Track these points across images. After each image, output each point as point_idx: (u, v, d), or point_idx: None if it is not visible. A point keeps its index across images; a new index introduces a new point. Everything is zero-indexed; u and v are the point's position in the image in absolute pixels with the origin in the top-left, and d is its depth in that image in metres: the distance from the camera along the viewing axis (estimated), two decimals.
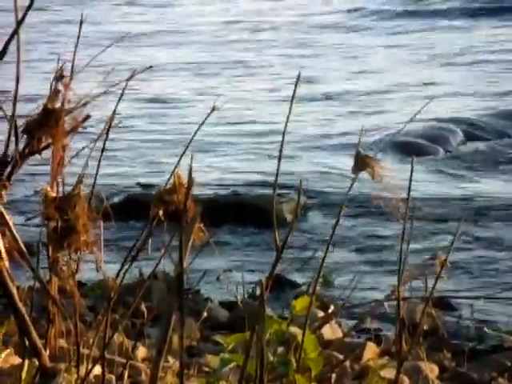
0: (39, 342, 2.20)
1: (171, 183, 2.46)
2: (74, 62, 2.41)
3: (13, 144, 2.29)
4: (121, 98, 2.56)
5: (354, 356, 4.86)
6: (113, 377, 3.51)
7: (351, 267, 7.02)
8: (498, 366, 5.32)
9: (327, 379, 4.09)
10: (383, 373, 4.29)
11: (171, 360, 4.05)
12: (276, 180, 2.41)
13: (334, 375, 4.32)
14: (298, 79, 2.47)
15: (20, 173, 2.32)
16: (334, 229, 2.54)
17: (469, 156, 9.89)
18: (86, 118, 2.36)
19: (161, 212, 2.48)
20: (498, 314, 6.34)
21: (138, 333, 4.56)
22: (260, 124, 10.62)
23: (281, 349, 2.41)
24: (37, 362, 2.26)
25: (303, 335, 2.39)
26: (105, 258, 2.57)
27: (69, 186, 2.52)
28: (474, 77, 12.59)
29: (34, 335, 2.17)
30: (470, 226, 7.52)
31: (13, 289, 2.17)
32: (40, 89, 2.42)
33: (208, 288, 6.47)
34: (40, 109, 2.34)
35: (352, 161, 2.43)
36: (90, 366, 2.64)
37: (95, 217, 2.51)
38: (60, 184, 2.51)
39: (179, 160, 2.52)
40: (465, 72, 12.81)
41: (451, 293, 6.36)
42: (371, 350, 5.09)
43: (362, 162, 2.41)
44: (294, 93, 2.37)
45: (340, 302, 5.86)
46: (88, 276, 3.25)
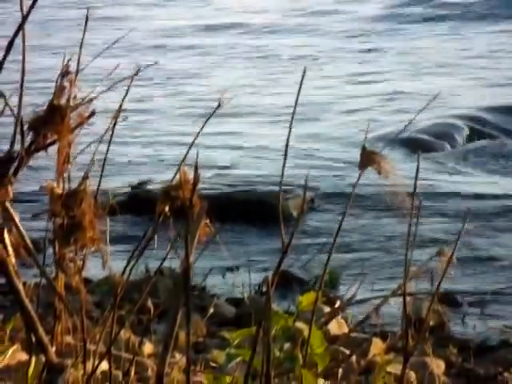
0: (46, 338, 2.20)
1: (177, 179, 2.46)
2: (80, 59, 2.41)
3: (18, 141, 2.29)
4: (126, 95, 2.56)
5: (361, 351, 4.86)
6: (119, 373, 3.52)
7: (357, 263, 7.02)
8: (505, 362, 5.32)
9: (333, 374, 4.09)
10: (389, 368, 4.29)
11: (178, 356, 4.05)
12: (282, 176, 2.41)
13: (341, 370, 4.32)
14: (304, 74, 2.46)
15: (26, 169, 2.32)
16: (341, 225, 2.54)
17: (475, 153, 9.89)
18: (92, 115, 2.36)
19: (167, 208, 2.48)
20: (504, 310, 6.34)
21: (145, 329, 4.56)
22: (268, 116, 10.61)
23: (287, 344, 2.41)
24: (43, 358, 2.27)
25: (309, 331, 2.39)
26: (111, 255, 2.57)
27: (75, 183, 2.52)
28: (485, 74, 12.58)
29: (41, 331, 2.17)
30: (477, 223, 7.51)
31: (19, 285, 2.17)
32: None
33: (214, 284, 6.47)
34: (45, 105, 2.34)
35: (358, 156, 2.43)
36: (97, 362, 2.64)
37: (101, 213, 2.51)
38: (66, 180, 2.51)
39: (185, 156, 2.52)
40: (475, 70, 12.80)
41: (457, 288, 6.36)
42: (377, 346, 5.09)
43: (369, 158, 2.41)
44: (301, 86, 2.36)
45: (346, 298, 5.86)
46: (94, 272, 3.25)
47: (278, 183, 2.52)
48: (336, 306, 5.43)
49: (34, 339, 2.19)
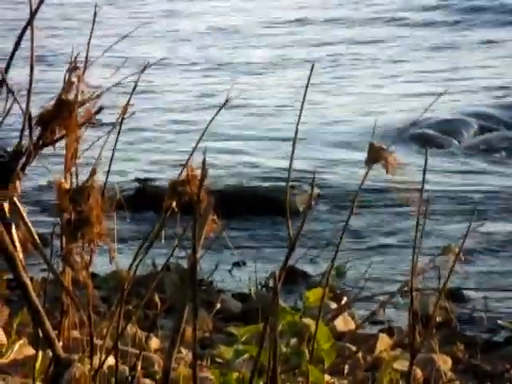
0: (53, 333, 2.21)
1: (184, 175, 2.46)
2: (88, 54, 2.42)
3: (27, 135, 2.29)
4: (134, 90, 2.56)
5: (367, 348, 4.87)
6: (126, 368, 3.52)
7: (364, 259, 7.02)
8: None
9: (340, 370, 4.10)
10: (396, 364, 4.29)
11: (184, 351, 4.06)
12: (289, 171, 2.41)
13: (347, 366, 4.33)
14: (312, 70, 2.46)
15: (34, 164, 2.32)
16: (348, 220, 2.54)
17: (483, 148, 9.88)
18: (100, 110, 2.36)
19: (174, 203, 2.48)
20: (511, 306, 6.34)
21: (151, 324, 4.57)
22: (276, 115, 10.61)
23: (294, 340, 2.42)
24: (50, 353, 2.27)
25: (316, 327, 2.40)
26: (118, 250, 2.58)
27: (82, 178, 2.53)
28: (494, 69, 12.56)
29: (48, 326, 2.18)
30: (485, 219, 7.50)
31: (26, 280, 2.18)
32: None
33: (221, 279, 6.48)
34: (54, 101, 2.34)
35: (365, 152, 2.43)
36: (104, 357, 2.65)
37: (109, 208, 2.52)
38: (74, 175, 2.52)
39: (192, 152, 2.52)
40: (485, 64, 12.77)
41: (465, 284, 6.35)
42: (384, 342, 5.09)
43: (376, 154, 2.41)
44: (308, 84, 2.37)
45: (353, 294, 5.86)
46: (101, 267, 3.28)
47: (286, 179, 2.52)
48: (343, 303, 5.43)
49: (41, 334, 2.20)
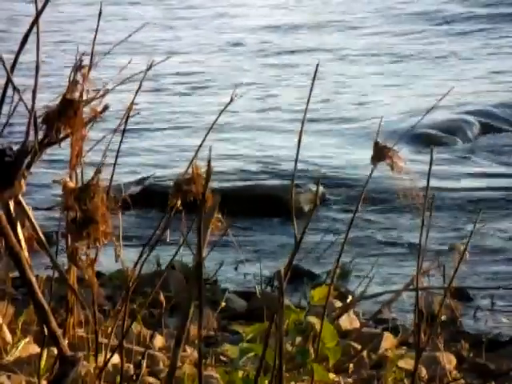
0: (58, 331, 2.21)
1: (189, 173, 2.46)
2: (93, 53, 2.42)
3: (32, 134, 2.30)
4: (139, 89, 2.57)
5: (372, 346, 4.86)
6: (131, 366, 3.53)
7: (369, 257, 7.02)
8: None
9: (345, 369, 4.09)
10: (401, 363, 4.29)
11: (189, 350, 4.06)
12: (295, 170, 2.41)
13: (352, 365, 4.32)
14: (317, 70, 2.46)
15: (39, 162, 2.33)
16: (353, 219, 2.54)
17: (486, 147, 9.89)
18: (105, 109, 2.36)
19: (179, 202, 2.48)
20: None
21: (156, 322, 4.57)
22: (286, 112, 10.60)
23: (299, 338, 2.42)
24: (56, 351, 2.28)
25: (321, 325, 2.39)
26: (123, 248, 2.58)
27: (87, 176, 2.53)
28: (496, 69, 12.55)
29: (53, 324, 2.18)
30: (489, 217, 7.50)
31: (32, 278, 2.18)
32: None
33: (226, 278, 6.48)
34: (59, 100, 2.35)
35: (371, 151, 2.43)
36: (109, 355, 2.65)
37: (114, 207, 2.52)
38: (79, 174, 2.52)
39: (197, 150, 2.52)
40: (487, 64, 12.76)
41: (469, 283, 6.35)
42: (389, 341, 5.09)
43: (381, 153, 2.41)
44: (313, 83, 2.36)
45: (358, 293, 5.86)
46: (106, 266, 3.26)
47: (291, 177, 2.52)
48: (347, 301, 5.42)
49: (47, 332, 2.20)
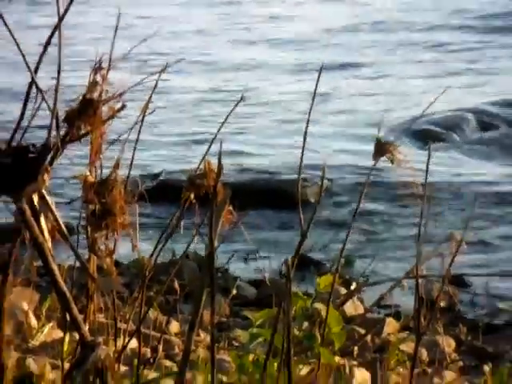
0: (79, 317, 2.21)
1: (201, 168, 2.46)
2: (112, 54, 2.41)
3: (54, 132, 2.30)
4: (155, 89, 2.56)
5: (375, 331, 4.86)
6: (148, 350, 3.53)
7: (372, 247, 7.01)
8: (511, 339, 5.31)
9: (350, 352, 4.09)
10: (402, 346, 4.29)
11: (202, 334, 4.07)
12: (300, 165, 2.40)
13: (356, 348, 4.32)
14: (321, 72, 2.46)
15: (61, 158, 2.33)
16: (356, 210, 2.54)
17: (482, 143, 9.86)
18: (122, 108, 2.36)
19: (192, 195, 2.48)
20: (511, 291, 6.32)
21: (172, 309, 4.58)
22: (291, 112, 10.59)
23: (306, 324, 2.42)
24: (77, 336, 2.28)
25: (327, 311, 2.39)
26: (140, 239, 2.58)
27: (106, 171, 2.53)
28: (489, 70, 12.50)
29: (75, 310, 2.19)
30: (485, 207, 7.49)
31: (54, 267, 2.18)
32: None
33: (237, 267, 6.48)
34: (79, 99, 2.35)
35: (373, 146, 2.42)
36: (127, 340, 2.65)
37: (131, 200, 2.52)
38: (98, 169, 2.52)
39: (209, 147, 2.52)
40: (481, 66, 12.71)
41: (466, 270, 6.34)
42: (391, 325, 5.09)
43: (382, 149, 2.40)
44: (317, 84, 2.36)
45: (362, 280, 5.86)
46: (124, 255, 3.27)
47: (297, 172, 2.51)
48: (352, 288, 5.42)
49: (69, 318, 2.21)
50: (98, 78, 2.35)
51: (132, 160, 2.61)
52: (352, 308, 5.25)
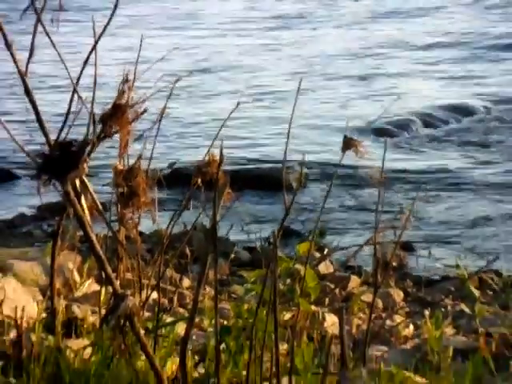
0: (112, 275, 2.21)
1: (206, 158, 2.45)
2: (137, 68, 2.40)
3: (92, 130, 2.29)
4: (170, 96, 2.55)
5: (342, 285, 4.87)
6: (165, 300, 3.53)
7: (341, 221, 7.02)
8: (445, 291, 5.34)
9: (322, 302, 4.10)
10: (363, 297, 4.30)
11: (208, 289, 4.07)
12: (285, 156, 2.39)
13: (327, 299, 4.33)
14: (300, 85, 2.44)
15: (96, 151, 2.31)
16: (328, 192, 2.53)
17: (426, 139, 9.87)
18: (144, 111, 2.35)
19: (199, 180, 2.48)
20: (445, 254, 6.35)
21: (183, 269, 4.57)
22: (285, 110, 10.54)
23: (288, 280, 2.41)
24: (110, 289, 2.28)
25: (305, 270, 2.39)
26: (158, 214, 2.57)
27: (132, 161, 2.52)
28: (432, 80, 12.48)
29: (108, 270, 2.18)
30: (428, 191, 7.50)
31: (92, 236, 2.17)
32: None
33: (235, 236, 6.47)
34: (111, 105, 2.34)
35: (341, 141, 2.41)
36: (149, 293, 2.65)
37: (151, 184, 2.51)
38: (125, 159, 2.51)
39: (212, 142, 2.50)
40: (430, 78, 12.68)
41: (413, 239, 6.36)
42: (354, 281, 5.10)
43: (349, 143, 2.39)
44: (297, 94, 2.34)
45: (332, 246, 5.86)
46: (146, 227, 3.26)
47: (282, 161, 2.51)
48: (324, 253, 5.42)
49: (104, 275, 2.20)
50: (126, 88, 2.34)
51: (152, 152, 2.60)
52: (324, 268, 5.27)
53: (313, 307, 2.63)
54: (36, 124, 2.14)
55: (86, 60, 2.18)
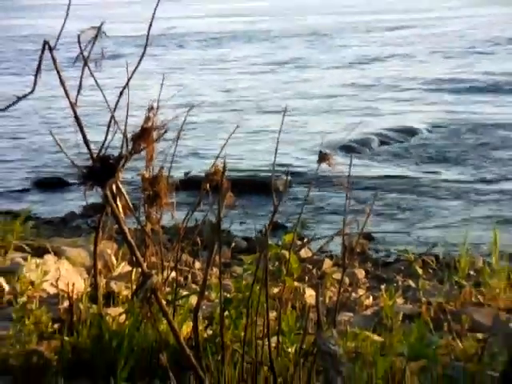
0: (141, 258, 2.20)
1: (213, 169, 2.45)
2: (160, 97, 2.39)
3: (124, 147, 2.29)
4: (185, 122, 2.54)
5: (318, 266, 4.87)
6: (181, 278, 3.52)
7: (317, 216, 7.02)
8: (397, 270, 5.35)
9: (303, 279, 4.10)
10: (334, 275, 4.30)
11: (214, 269, 4.06)
12: (273, 166, 2.39)
13: (307, 277, 4.34)
14: (285, 110, 2.44)
15: (128, 164, 2.31)
16: (307, 195, 2.53)
17: (381, 153, 9.92)
18: (165, 132, 2.35)
19: (208, 186, 2.47)
20: (398, 243, 6.36)
21: (195, 254, 4.57)
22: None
23: (277, 263, 2.41)
24: (139, 270, 2.28)
25: (289, 255, 2.39)
26: (176, 212, 2.57)
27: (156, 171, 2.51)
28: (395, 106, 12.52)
29: (138, 254, 2.18)
30: (385, 193, 7.50)
31: (125, 228, 2.17)
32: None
33: (235, 229, 6.47)
34: (139, 128, 2.34)
35: (317, 155, 2.42)
36: (169, 272, 2.65)
37: (170, 188, 2.51)
38: (151, 170, 2.51)
39: (218, 155, 2.50)
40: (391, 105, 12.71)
41: (373, 229, 6.37)
42: (327, 263, 5.10)
43: (323, 157, 2.39)
44: (283, 119, 2.33)
45: (310, 236, 5.87)
46: (167, 221, 3.27)
47: (271, 171, 2.50)
48: (304, 241, 5.44)
49: (134, 259, 2.20)
50: (151, 115, 2.34)
51: (171, 164, 2.60)
52: (304, 253, 5.27)
53: (295, 283, 2.63)
54: (82, 142, 2.14)
55: (121, 93, 2.18)
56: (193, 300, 2.53)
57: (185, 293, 2.77)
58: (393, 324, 2.74)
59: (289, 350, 2.25)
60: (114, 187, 2.23)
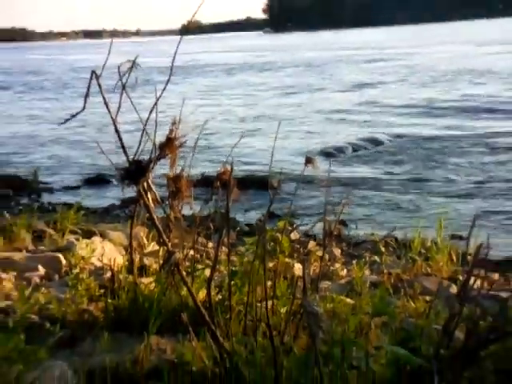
0: (166, 240, 2.20)
1: (222, 169, 2.44)
2: (181, 114, 2.38)
3: (153, 153, 2.28)
4: (200, 133, 2.53)
5: (304, 246, 4.87)
6: (198, 256, 3.52)
7: (304, 208, 7.01)
8: (365, 249, 5.35)
9: (292, 256, 4.09)
10: (317, 253, 4.29)
11: (224, 248, 4.05)
12: (270, 167, 2.38)
13: (295, 254, 4.33)
14: (278, 127, 2.42)
15: (156, 167, 2.30)
16: (296, 190, 2.51)
17: (355, 158, 9.91)
18: (184, 142, 2.35)
19: (218, 183, 2.47)
20: (366, 227, 6.36)
21: (209, 236, 4.56)
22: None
23: (272, 243, 2.41)
24: (165, 248, 2.28)
25: (281, 237, 2.39)
26: (194, 203, 2.56)
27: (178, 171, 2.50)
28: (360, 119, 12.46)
29: (164, 237, 2.18)
30: (356, 190, 7.49)
31: (155, 216, 2.17)
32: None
33: (240, 217, 6.46)
34: (165, 138, 2.34)
35: (304, 159, 2.41)
36: (188, 251, 2.64)
37: (189, 185, 2.51)
38: (174, 171, 2.50)
39: (225, 160, 2.49)
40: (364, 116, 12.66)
41: (347, 217, 6.36)
42: (312, 243, 5.09)
43: (309, 160, 2.38)
44: (277, 131, 2.32)
45: (298, 223, 5.86)
46: (186, 211, 3.27)
47: (269, 171, 2.49)
48: (294, 226, 5.43)
49: (161, 240, 2.20)
50: (174, 128, 2.34)
51: (190, 166, 2.59)
52: (293, 236, 5.25)
53: (286, 259, 2.63)
54: (121, 149, 2.14)
55: (151, 110, 2.18)
56: (207, 272, 2.54)
57: (200, 266, 2.77)
58: (361, 290, 2.76)
59: (281, 311, 2.26)
60: (146, 184, 2.23)
